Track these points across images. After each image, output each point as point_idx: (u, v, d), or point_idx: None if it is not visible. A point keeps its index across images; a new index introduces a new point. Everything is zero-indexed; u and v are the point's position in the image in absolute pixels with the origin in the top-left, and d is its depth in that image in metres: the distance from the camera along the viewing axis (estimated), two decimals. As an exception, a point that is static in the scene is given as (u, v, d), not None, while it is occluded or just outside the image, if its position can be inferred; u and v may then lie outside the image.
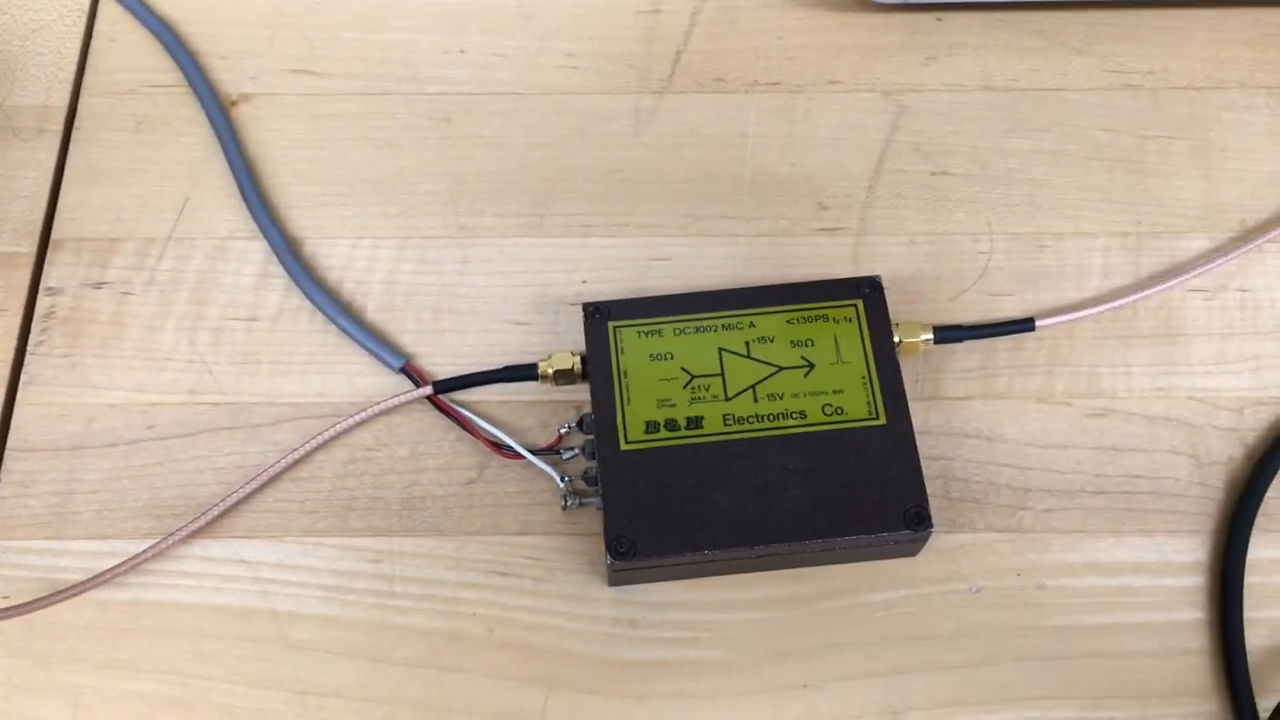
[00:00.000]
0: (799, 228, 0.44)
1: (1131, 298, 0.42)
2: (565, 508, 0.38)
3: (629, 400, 0.38)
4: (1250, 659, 0.37)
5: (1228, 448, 0.40)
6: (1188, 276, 0.42)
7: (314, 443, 0.39)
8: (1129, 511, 0.39)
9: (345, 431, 0.40)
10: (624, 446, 0.37)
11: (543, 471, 0.39)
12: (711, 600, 0.38)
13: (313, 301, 0.42)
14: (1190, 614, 0.38)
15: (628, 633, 0.37)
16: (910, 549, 0.38)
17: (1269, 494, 0.39)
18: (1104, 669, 0.37)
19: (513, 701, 0.36)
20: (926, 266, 0.43)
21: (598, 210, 0.44)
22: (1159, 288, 0.42)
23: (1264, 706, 0.36)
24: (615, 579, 0.37)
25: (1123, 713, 0.36)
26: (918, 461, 0.37)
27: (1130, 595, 0.38)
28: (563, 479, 0.39)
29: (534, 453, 0.39)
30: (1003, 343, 0.41)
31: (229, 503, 0.38)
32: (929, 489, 0.36)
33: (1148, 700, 0.36)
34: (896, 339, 0.40)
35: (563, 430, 0.39)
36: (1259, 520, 0.38)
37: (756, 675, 0.37)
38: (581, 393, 0.39)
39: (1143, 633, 0.37)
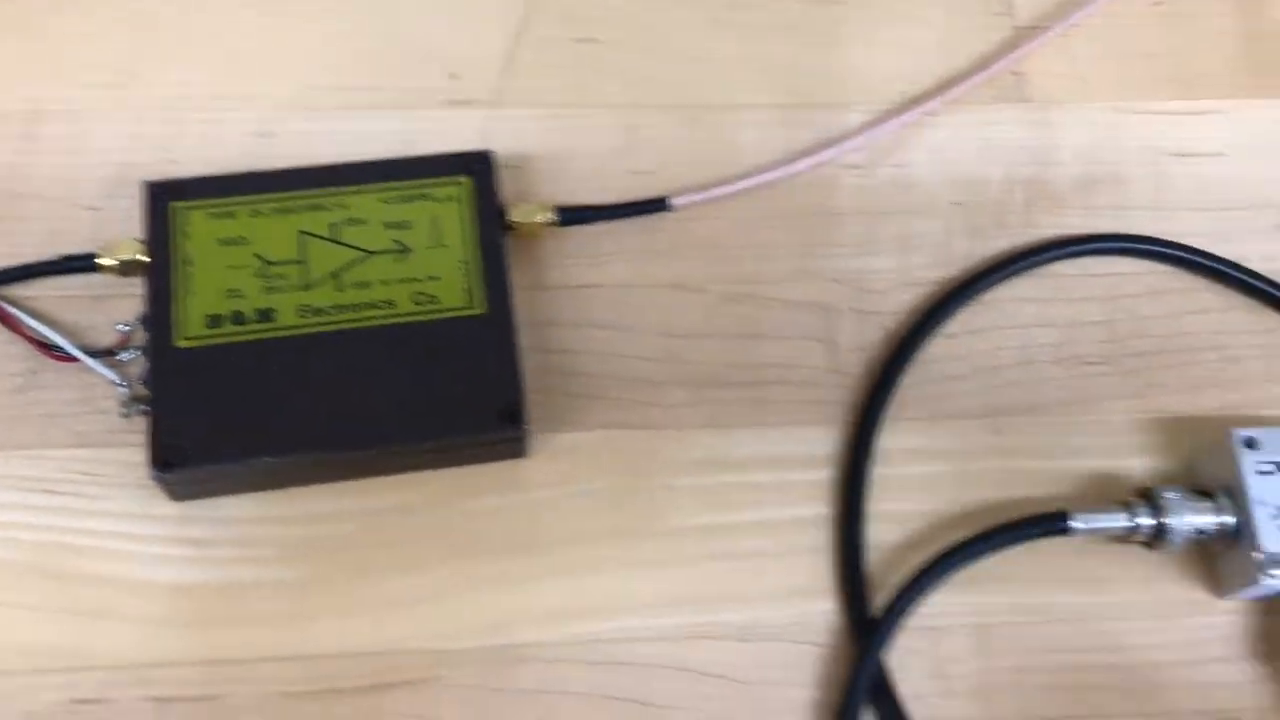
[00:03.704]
0: (424, 100, 0.39)
1: (777, 172, 0.39)
2: (125, 415, 0.34)
3: (190, 291, 0.33)
4: (872, 555, 0.34)
5: (869, 332, 0.37)
6: (841, 150, 0.39)
7: None
8: (761, 403, 0.36)
9: None
10: (179, 343, 0.33)
11: (101, 376, 0.34)
12: (292, 513, 0.34)
13: None
14: (816, 509, 0.35)
15: (192, 553, 0.33)
16: (515, 449, 0.34)
17: (905, 380, 0.36)
18: (720, 571, 0.34)
19: (50, 636, 0.32)
20: (567, 143, 0.39)
21: (196, 80, 0.39)
22: (807, 161, 0.39)
23: (883, 604, 0.34)
24: (176, 492, 0.33)
25: (736, 615, 0.34)
26: (515, 353, 0.33)
27: (756, 492, 0.35)
28: (122, 383, 0.34)
29: (91, 354, 0.34)
30: (635, 224, 0.38)
31: None
32: (547, 383, 0.33)
33: (760, 602, 0.34)
34: (514, 219, 0.36)
35: (123, 328, 0.34)
36: (892, 409, 0.36)
37: (341, 594, 0.33)
38: (161, 286, 0.34)
39: (764, 531, 0.35)
